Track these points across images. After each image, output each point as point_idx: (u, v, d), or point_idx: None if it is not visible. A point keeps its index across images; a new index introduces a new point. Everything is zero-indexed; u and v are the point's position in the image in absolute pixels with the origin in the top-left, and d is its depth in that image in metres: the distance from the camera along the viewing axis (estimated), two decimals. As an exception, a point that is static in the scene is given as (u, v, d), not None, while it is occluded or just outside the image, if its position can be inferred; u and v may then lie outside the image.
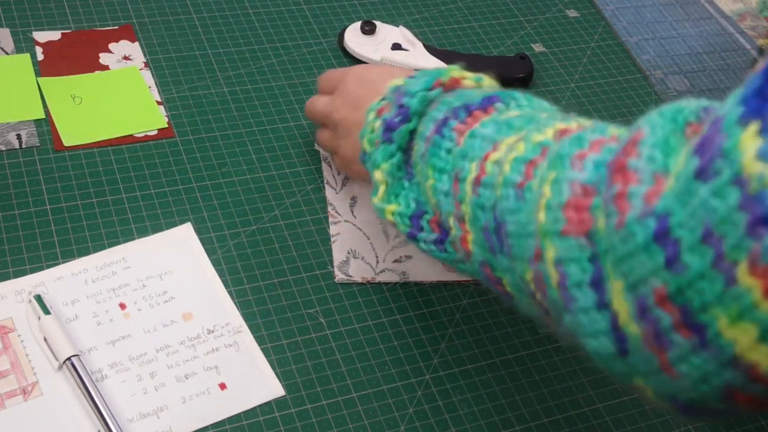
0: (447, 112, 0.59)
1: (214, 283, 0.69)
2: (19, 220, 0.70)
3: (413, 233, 0.61)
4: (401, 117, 0.61)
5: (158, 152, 0.78)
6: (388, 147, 0.62)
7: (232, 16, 0.93)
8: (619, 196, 0.41)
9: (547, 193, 0.46)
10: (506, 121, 0.55)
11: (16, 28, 0.86)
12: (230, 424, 0.61)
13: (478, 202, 0.52)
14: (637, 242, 0.39)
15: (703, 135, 0.39)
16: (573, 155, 0.46)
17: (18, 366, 0.61)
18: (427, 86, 0.62)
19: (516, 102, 0.58)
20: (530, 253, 0.47)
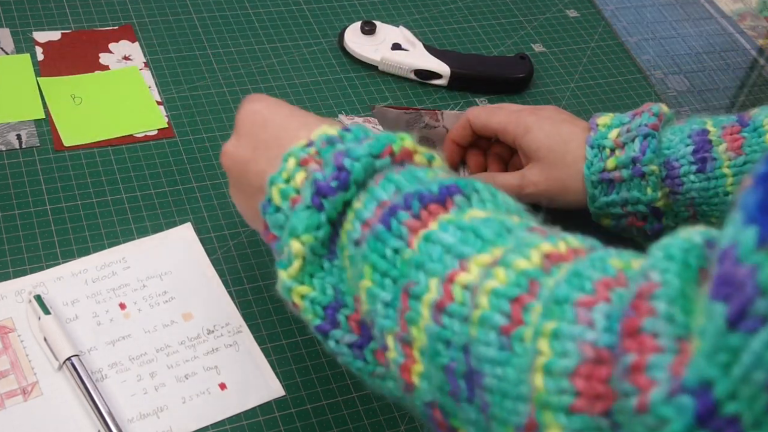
0: (396, 198, 0.47)
1: (214, 283, 0.69)
2: (19, 220, 0.70)
3: (324, 327, 0.50)
4: (339, 183, 0.49)
5: (158, 152, 0.78)
6: (316, 216, 0.49)
7: (232, 16, 0.93)
8: (635, 369, 0.33)
9: (545, 350, 0.37)
10: (473, 228, 0.44)
11: (16, 28, 0.86)
12: (230, 424, 0.61)
13: (442, 334, 0.42)
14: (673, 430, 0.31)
15: (718, 273, 0.32)
16: (576, 301, 0.37)
17: (18, 366, 0.61)
18: (375, 152, 0.49)
19: (479, 196, 0.47)
20: (520, 420, 0.38)
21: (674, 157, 0.67)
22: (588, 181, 0.68)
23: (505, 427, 0.39)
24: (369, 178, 0.49)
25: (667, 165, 0.67)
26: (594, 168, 0.68)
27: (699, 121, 0.68)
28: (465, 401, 0.42)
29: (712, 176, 0.66)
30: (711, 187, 0.66)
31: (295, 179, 0.51)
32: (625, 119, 0.69)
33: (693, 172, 0.66)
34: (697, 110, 0.94)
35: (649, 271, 0.35)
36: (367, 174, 0.49)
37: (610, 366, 0.35)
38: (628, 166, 0.67)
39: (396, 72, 0.89)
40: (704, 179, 0.66)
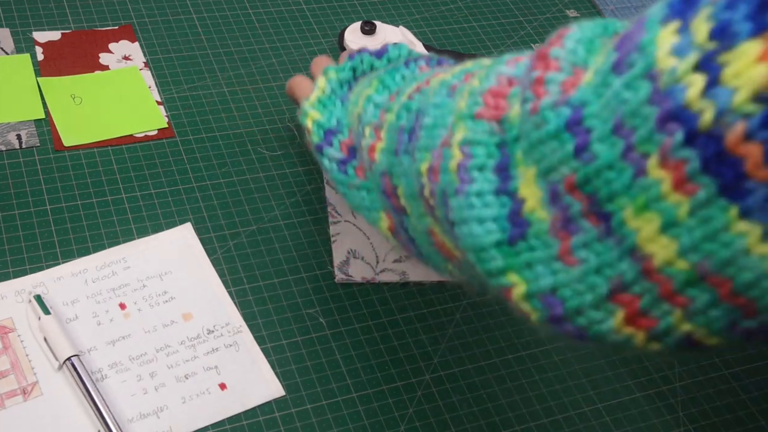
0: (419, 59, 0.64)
1: (214, 283, 0.69)
2: (19, 220, 0.70)
3: (321, 146, 0.63)
4: (377, 52, 0.67)
5: (158, 152, 0.78)
6: (346, 63, 0.66)
7: (232, 16, 0.93)
8: (537, 82, 0.42)
9: (474, 83, 0.48)
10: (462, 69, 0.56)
11: (16, 28, 0.86)
12: (230, 424, 0.61)
13: (408, 104, 0.54)
14: (549, 129, 0.40)
15: (625, 32, 0.39)
16: (510, 60, 0.48)
17: (18, 366, 0.61)
18: (411, 54, 0.67)
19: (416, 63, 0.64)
20: (437, 141, 0.48)
21: None
22: None
23: (424, 152, 0.49)
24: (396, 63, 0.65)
25: None
26: None
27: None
28: (403, 153, 0.52)
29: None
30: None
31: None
32: None
33: None
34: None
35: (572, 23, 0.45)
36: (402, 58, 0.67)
37: (512, 87, 0.45)
38: None
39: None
40: None
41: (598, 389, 0.67)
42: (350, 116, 0.62)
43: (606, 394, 0.67)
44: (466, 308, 0.71)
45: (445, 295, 0.72)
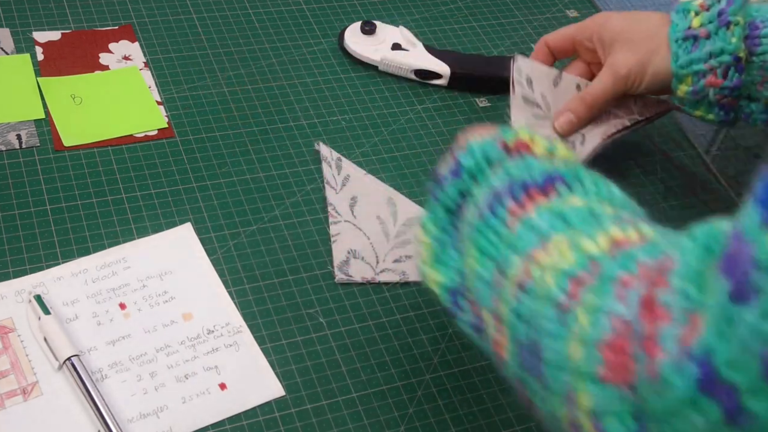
0: (503, 185, 0.50)
1: (214, 283, 0.69)
2: (19, 220, 0.70)
3: (452, 311, 0.54)
4: (451, 174, 0.54)
5: (158, 152, 0.78)
6: (434, 207, 0.55)
7: (232, 16, 0.93)
8: (648, 339, 0.35)
9: (584, 322, 0.39)
10: (561, 213, 0.47)
11: (16, 28, 0.86)
12: (230, 424, 0.61)
13: (519, 309, 0.45)
14: (678, 396, 0.33)
15: (727, 251, 0.33)
16: (618, 279, 0.40)
17: (18, 366, 0.61)
18: (489, 146, 0.54)
19: (582, 186, 0.50)
20: (564, 388, 0.41)
21: (759, 19, 0.69)
22: (672, 40, 0.71)
23: (558, 397, 0.41)
24: (486, 169, 0.53)
25: (750, 25, 0.69)
26: (679, 27, 0.71)
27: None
28: (532, 375, 0.44)
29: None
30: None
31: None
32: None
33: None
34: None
35: (672, 251, 0.38)
36: (478, 165, 0.54)
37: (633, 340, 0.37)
38: (714, 21, 0.69)
39: (396, 72, 0.89)
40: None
41: (598, 389, 0.67)
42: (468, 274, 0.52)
43: (606, 394, 0.67)
44: (466, 308, 0.71)
45: (445, 295, 0.72)
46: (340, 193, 0.77)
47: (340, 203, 0.76)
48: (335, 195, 0.76)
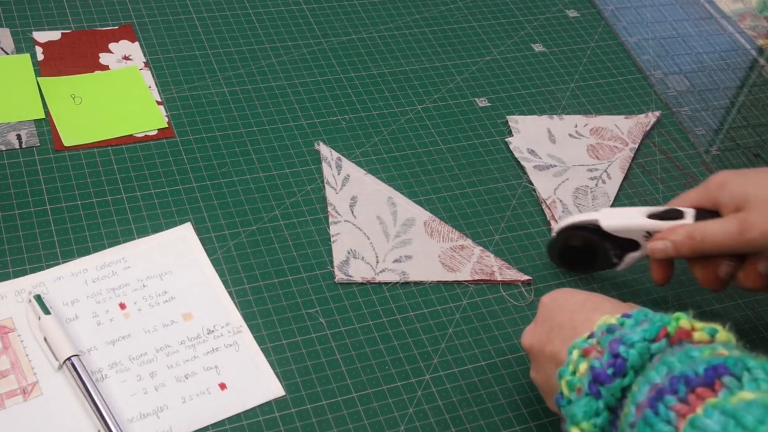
0: (664, 380, 0.47)
1: (214, 283, 0.69)
2: (19, 220, 0.70)
3: None
4: (615, 370, 0.50)
5: (158, 152, 0.78)
6: (594, 402, 0.51)
7: (232, 16, 0.93)
8: None
9: None
10: (735, 414, 0.43)
11: (16, 28, 0.86)
12: (230, 424, 0.61)
13: None
14: None
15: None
16: None
17: (18, 366, 0.61)
18: (649, 337, 0.51)
19: (750, 375, 0.46)
20: None
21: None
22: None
23: None
24: (647, 362, 0.50)
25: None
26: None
27: None
28: None
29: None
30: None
31: (579, 370, 0.53)
32: None
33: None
34: (696, 110, 0.94)
35: None
36: (643, 359, 0.50)
37: None
38: None
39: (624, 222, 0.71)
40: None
41: (598, 389, 0.67)
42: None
43: (606, 394, 0.67)
44: (466, 308, 0.71)
45: (445, 295, 0.72)
46: (340, 193, 0.77)
47: (340, 203, 0.76)
48: (335, 195, 0.76)
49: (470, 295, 0.72)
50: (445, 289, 0.72)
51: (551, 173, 0.83)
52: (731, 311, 0.76)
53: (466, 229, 0.77)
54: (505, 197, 0.81)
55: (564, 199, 0.81)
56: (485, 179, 0.82)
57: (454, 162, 0.83)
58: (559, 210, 0.79)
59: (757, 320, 0.75)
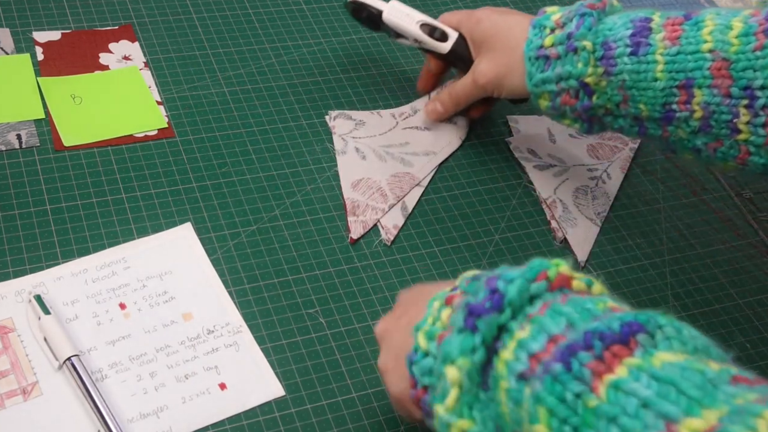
0: (571, 334, 0.44)
1: (214, 283, 0.69)
2: (19, 220, 0.70)
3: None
4: (492, 304, 0.47)
5: (158, 152, 0.78)
6: (471, 338, 0.47)
7: (232, 16, 0.93)
8: None
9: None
10: (671, 380, 0.40)
11: (16, 28, 0.86)
12: (230, 424, 0.61)
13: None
14: None
15: None
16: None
17: (18, 366, 0.61)
18: (529, 276, 0.48)
19: (662, 332, 0.44)
20: None
21: (612, 39, 0.68)
22: (526, 58, 0.72)
23: None
24: (525, 303, 0.48)
25: (604, 45, 0.68)
26: (533, 45, 0.72)
27: (647, 11, 0.69)
28: None
29: (644, 60, 0.66)
30: (642, 71, 0.66)
31: (441, 319, 0.50)
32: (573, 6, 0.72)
33: (627, 54, 0.67)
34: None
35: None
36: (522, 297, 0.48)
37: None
38: (564, 43, 0.70)
39: (401, 22, 0.81)
40: (636, 62, 0.66)
41: (598, 389, 0.67)
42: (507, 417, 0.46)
43: (606, 394, 0.67)
44: (466, 308, 0.71)
45: (445, 295, 0.72)
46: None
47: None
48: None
49: (470, 295, 0.72)
50: (445, 289, 0.72)
51: (551, 173, 0.83)
52: (731, 311, 0.76)
53: (466, 229, 0.77)
54: (505, 197, 0.81)
55: (564, 199, 0.81)
56: (485, 179, 0.82)
57: (453, 162, 0.83)
58: (559, 210, 0.79)
59: (757, 320, 0.75)
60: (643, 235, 0.80)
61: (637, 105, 0.67)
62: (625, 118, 0.69)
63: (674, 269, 0.78)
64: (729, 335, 0.74)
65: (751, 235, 0.83)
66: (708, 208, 0.84)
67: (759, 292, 0.78)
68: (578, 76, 0.69)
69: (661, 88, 0.65)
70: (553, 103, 0.72)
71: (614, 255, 0.78)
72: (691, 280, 0.77)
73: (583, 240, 0.78)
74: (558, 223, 0.78)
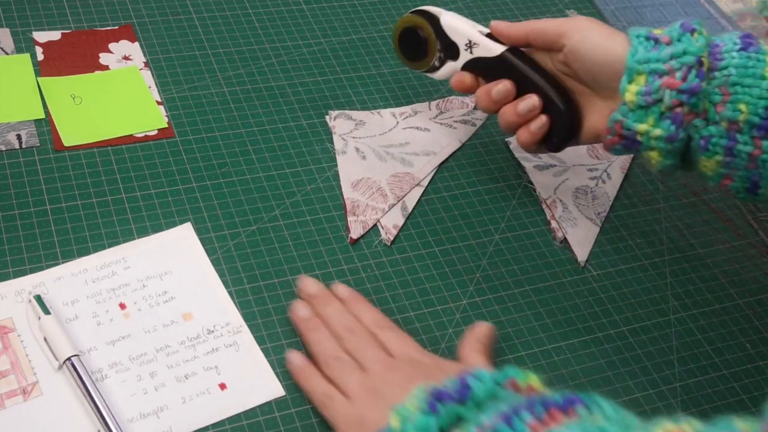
0: (518, 404, 0.48)
1: (214, 283, 0.69)
2: (19, 220, 0.70)
3: None
4: (458, 393, 0.51)
5: (158, 152, 0.78)
6: (430, 418, 0.50)
7: (232, 16, 0.93)
8: None
9: None
10: (599, 427, 0.45)
11: (16, 28, 0.86)
12: (230, 424, 0.61)
13: None
14: None
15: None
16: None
17: (18, 366, 0.61)
18: (499, 380, 0.52)
19: (601, 410, 0.48)
20: None
21: (719, 40, 0.66)
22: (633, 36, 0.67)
23: None
24: (489, 402, 0.50)
25: (710, 44, 0.65)
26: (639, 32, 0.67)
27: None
28: None
29: (753, 57, 0.63)
30: (750, 66, 0.63)
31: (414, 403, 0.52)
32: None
33: (735, 50, 0.64)
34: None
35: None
36: (488, 397, 0.50)
37: None
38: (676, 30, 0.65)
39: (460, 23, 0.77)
40: (745, 57, 0.64)
41: (598, 389, 0.67)
42: None
43: (606, 394, 0.67)
44: (466, 308, 0.71)
45: (445, 295, 0.72)
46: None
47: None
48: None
49: (470, 295, 0.72)
50: (445, 289, 0.72)
51: (551, 173, 0.83)
52: (731, 311, 0.76)
53: (466, 229, 0.77)
54: (505, 197, 0.81)
55: (564, 199, 0.81)
56: (485, 179, 0.82)
57: (453, 162, 0.83)
58: (559, 210, 0.79)
59: (757, 320, 0.75)
60: (643, 235, 0.80)
61: (737, 105, 0.63)
62: (718, 125, 0.64)
63: (674, 269, 0.78)
64: (729, 335, 0.74)
65: (751, 235, 0.83)
66: (708, 208, 0.84)
67: (759, 292, 0.78)
68: (696, 53, 0.63)
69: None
70: (650, 86, 0.64)
71: (614, 255, 0.78)
72: (691, 280, 0.77)
73: (583, 240, 0.78)
74: (558, 223, 0.78)
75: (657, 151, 0.66)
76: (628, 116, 0.66)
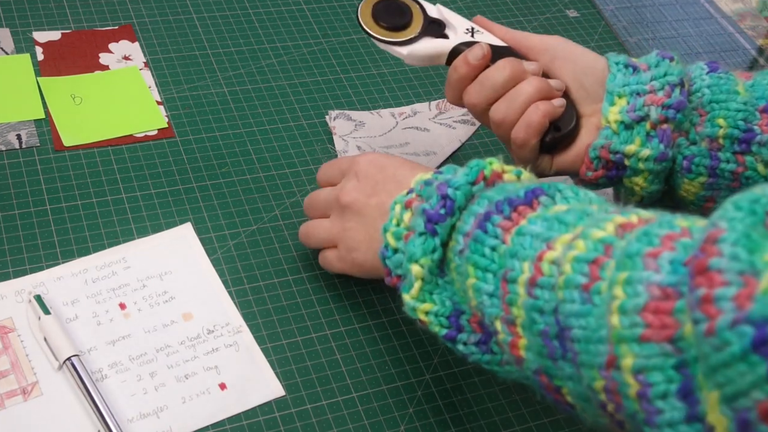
0: (488, 206, 0.54)
1: (214, 283, 0.69)
2: (19, 220, 0.70)
3: (451, 334, 0.57)
4: (446, 210, 0.56)
5: (158, 152, 0.78)
6: (431, 240, 0.56)
7: (232, 16, 0.93)
8: (705, 301, 0.38)
9: (619, 295, 0.43)
10: (557, 217, 0.51)
11: (16, 28, 0.86)
12: (230, 424, 0.61)
13: (535, 304, 0.49)
14: (733, 352, 0.36)
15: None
16: (644, 253, 0.43)
17: (18, 366, 0.61)
18: (471, 180, 0.57)
19: (561, 194, 0.54)
20: (601, 360, 0.44)
21: (689, 69, 0.68)
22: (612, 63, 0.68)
23: (590, 369, 0.45)
24: (467, 203, 0.57)
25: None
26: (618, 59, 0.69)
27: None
28: (560, 359, 0.48)
29: (723, 75, 0.66)
30: (721, 83, 0.66)
31: (404, 220, 0.59)
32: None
33: (705, 73, 0.67)
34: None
35: (717, 220, 0.40)
36: (467, 199, 0.57)
37: (673, 300, 0.41)
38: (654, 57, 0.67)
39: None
40: (716, 77, 0.66)
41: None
42: (461, 291, 0.56)
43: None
44: (466, 308, 0.71)
45: (445, 295, 0.72)
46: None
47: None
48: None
49: (470, 295, 0.72)
50: (445, 289, 0.72)
51: None
52: (731, 311, 0.75)
53: (466, 229, 0.77)
54: (505, 197, 0.81)
55: None
56: (485, 179, 0.82)
57: (453, 162, 0.83)
58: None
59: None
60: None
61: (715, 121, 0.65)
62: (699, 145, 0.66)
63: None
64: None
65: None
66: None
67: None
68: (677, 74, 0.65)
69: (743, 102, 0.64)
70: (633, 104, 0.65)
71: (614, 255, 0.78)
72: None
73: None
74: None
75: (643, 176, 0.66)
76: (614, 139, 0.66)
